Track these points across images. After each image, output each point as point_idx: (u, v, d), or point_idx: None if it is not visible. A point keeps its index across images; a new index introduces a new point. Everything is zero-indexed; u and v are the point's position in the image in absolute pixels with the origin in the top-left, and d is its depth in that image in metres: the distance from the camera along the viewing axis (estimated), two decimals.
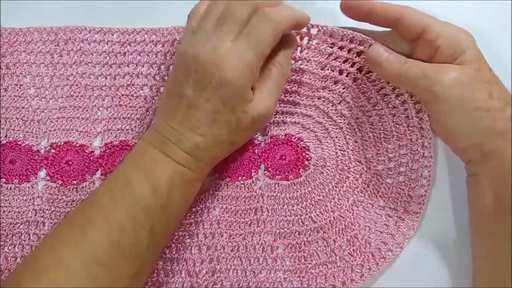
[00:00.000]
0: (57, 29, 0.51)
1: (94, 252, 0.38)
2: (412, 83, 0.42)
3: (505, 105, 0.40)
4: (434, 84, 0.41)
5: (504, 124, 0.40)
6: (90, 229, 0.39)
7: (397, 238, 0.47)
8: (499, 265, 0.41)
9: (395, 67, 0.43)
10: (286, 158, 0.50)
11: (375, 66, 0.45)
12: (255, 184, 0.49)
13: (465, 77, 0.40)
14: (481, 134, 0.40)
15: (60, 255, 0.38)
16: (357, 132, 0.48)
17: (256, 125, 0.43)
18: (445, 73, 0.41)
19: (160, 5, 0.53)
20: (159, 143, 0.42)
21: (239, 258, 0.48)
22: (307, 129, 0.50)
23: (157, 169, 0.41)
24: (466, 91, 0.40)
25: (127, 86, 0.51)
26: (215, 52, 0.40)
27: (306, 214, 0.49)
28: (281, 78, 0.44)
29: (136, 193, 0.40)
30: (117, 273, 0.39)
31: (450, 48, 0.41)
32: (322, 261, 0.48)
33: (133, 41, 0.51)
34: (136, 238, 0.39)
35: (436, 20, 0.42)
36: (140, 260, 0.40)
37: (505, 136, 0.40)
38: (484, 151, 0.41)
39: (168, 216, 0.41)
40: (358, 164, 0.49)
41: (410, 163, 0.47)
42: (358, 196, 0.48)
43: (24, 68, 0.52)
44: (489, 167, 0.41)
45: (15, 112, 0.51)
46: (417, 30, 0.42)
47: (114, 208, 0.40)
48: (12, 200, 0.49)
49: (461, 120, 0.41)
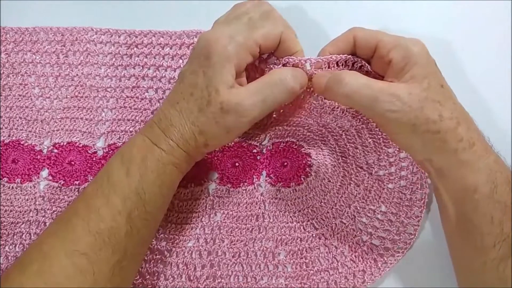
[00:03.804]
0: (64, 29, 0.52)
1: (76, 242, 0.38)
2: (362, 105, 0.41)
3: (457, 125, 0.39)
4: (385, 109, 0.39)
5: (454, 146, 0.39)
6: (74, 220, 0.39)
7: (399, 243, 0.47)
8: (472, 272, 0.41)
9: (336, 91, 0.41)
10: (287, 164, 0.50)
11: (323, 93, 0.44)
12: (257, 191, 0.49)
13: (415, 99, 0.39)
14: (431, 153, 0.40)
15: (46, 248, 0.38)
16: (357, 138, 0.49)
17: (227, 118, 0.41)
18: (396, 97, 0.39)
19: (168, 7, 0.53)
20: (145, 126, 0.43)
21: (240, 264, 0.48)
22: (308, 136, 0.50)
23: (132, 152, 0.41)
24: (418, 114, 0.39)
25: (132, 88, 0.51)
26: (214, 31, 0.42)
27: (307, 220, 0.49)
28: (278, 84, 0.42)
29: (112, 178, 0.40)
30: (98, 263, 0.38)
31: (402, 61, 0.40)
32: (324, 267, 0.48)
33: (140, 43, 0.52)
34: (114, 225, 0.39)
35: (387, 35, 0.42)
36: (121, 248, 0.40)
37: (456, 157, 0.40)
38: (436, 167, 0.41)
39: (144, 202, 0.41)
40: (360, 170, 0.49)
41: (411, 166, 0.48)
42: (359, 202, 0.49)
43: (29, 67, 0.52)
44: (445, 183, 0.41)
45: (19, 111, 0.51)
46: (371, 46, 0.42)
47: (94, 196, 0.40)
48: (13, 200, 0.49)
49: (412, 141, 0.41)
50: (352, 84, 0.40)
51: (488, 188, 0.39)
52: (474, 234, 0.40)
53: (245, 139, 0.50)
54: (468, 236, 0.40)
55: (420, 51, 0.41)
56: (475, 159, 0.39)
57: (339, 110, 0.47)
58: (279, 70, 0.43)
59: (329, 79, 0.41)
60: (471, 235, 0.40)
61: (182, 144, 0.41)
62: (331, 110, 0.47)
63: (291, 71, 0.42)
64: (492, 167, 0.39)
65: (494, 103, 0.51)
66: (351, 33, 0.43)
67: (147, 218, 0.41)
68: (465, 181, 0.39)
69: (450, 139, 0.39)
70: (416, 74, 0.40)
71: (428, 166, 0.41)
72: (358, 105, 0.41)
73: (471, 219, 0.39)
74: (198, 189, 0.49)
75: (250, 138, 0.50)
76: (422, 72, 0.40)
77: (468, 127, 0.40)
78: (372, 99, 0.40)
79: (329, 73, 0.42)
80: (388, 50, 0.41)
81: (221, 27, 0.42)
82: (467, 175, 0.39)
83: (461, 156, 0.39)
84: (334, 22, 0.47)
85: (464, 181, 0.39)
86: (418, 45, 0.41)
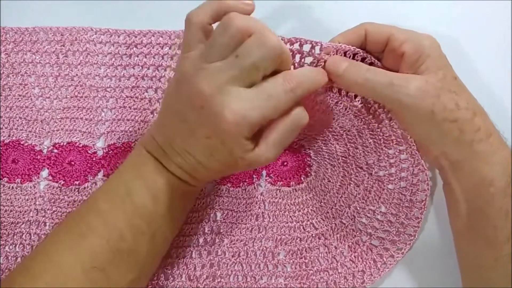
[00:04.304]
0: (63, 29, 0.52)
1: (93, 258, 0.38)
2: (378, 91, 0.41)
3: (473, 116, 0.40)
4: (402, 95, 0.40)
5: (471, 136, 0.39)
6: (89, 235, 0.39)
7: (399, 244, 0.47)
8: (480, 270, 0.41)
9: (355, 75, 0.41)
10: (287, 164, 0.50)
11: (336, 78, 0.42)
12: (257, 190, 0.49)
13: (431, 87, 0.39)
14: (448, 144, 0.40)
15: (58, 259, 0.38)
16: (358, 139, 0.48)
17: (253, 167, 0.44)
18: (412, 83, 0.40)
19: (167, 7, 0.53)
20: (158, 155, 0.41)
21: (239, 263, 0.48)
22: (308, 135, 0.50)
23: (158, 180, 0.41)
24: (435, 101, 0.39)
25: (132, 88, 0.51)
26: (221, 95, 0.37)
27: (307, 220, 0.49)
28: (294, 130, 0.40)
29: (137, 201, 0.40)
30: (115, 279, 0.38)
31: (415, 54, 0.41)
32: (323, 267, 0.48)
33: (139, 43, 0.52)
34: (136, 244, 0.39)
35: (399, 29, 0.42)
36: (139, 266, 0.40)
37: (473, 148, 0.39)
38: (451, 160, 0.40)
39: (169, 222, 0.41)
40: (360, 171, 0.49)
41: (411, 167, 0.47)
42: (359, 203, 0.48)
43: (29, 67, 0.52)
44: (459, 176, 0.41)
45: (19, 111, 0.51)
46: (382, 40, 0.42)
47: (114, 215, 0.40)
48: (14, 200, 0.49)
49: (429, 131, 0.40)
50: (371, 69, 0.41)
51: (504, 182, 0.39)
52: (487, 229, 0.39)
53: None
54: (480, 231, 0.40)
55: (432, 44, 0.41)
56: (492, 151, 0.39)
57: (341, 106, 0.46)
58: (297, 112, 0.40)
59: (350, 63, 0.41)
60: (483, 230, 0.40)
61: (208, 181, 0.45)
62: (334, 105, 0.46)
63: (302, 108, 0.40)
64: (508, 161, 0.39)
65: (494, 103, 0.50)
66: (362, 27, 0.43)
67: (168, 237, 0.43)
68: (480, 173, 0.39)
69: (467, 129, 0.39)
70: (430, 66, 0.40)
71: (442, 160, 0.41)
72: (374, 91, 0.41)
73: (485, 213, 0.39)
74: None
75: None
76: (436, 64, 0.40)
77: (484, 119, 0.40)
78: (388, 84, 0.40)
79: (347, 59, 0.42)
80: (400, 43, 0.41)
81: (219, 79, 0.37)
82: (483, 167, 0.39)
83: (478, 147, 0.39)
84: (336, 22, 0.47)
85: (479, 174, 0.39)
86: (429, 39, 0.42)
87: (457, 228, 0.43)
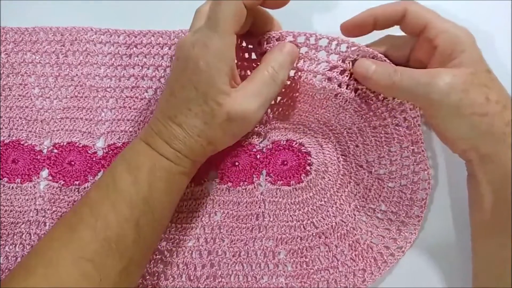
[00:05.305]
0: (63, 29, 0.52)
1: (82, 248, 0.38)
2: (407, 92, 0.41)
3: (503, 109, 0.40)
4: (429, 91, 0.40)
5: (502, 129, 0.40)
6: (79, 227, 0.39)
7: (399, 242, 0.47)
8: (499, 265, 0.41)
9: (385, 78, 0.42)
10: (287, 163, 0.50)
11: (364, 80, 0.44)
12: (257, 190, 0.49)
13: (460, 81, 0.39)
14: (478, 138, 0.40)
15: (50, 253, 0.38)
16: (358, 137, 0.48)
17: (234, 126, 0.42)
18: (439, 79, 0.40)
19: (167, 7, 0.53)
20: (145, 135, 0.42)
21: (240, 263, 0.48)
22: (308, 134, 0.50)
23: (139, 160, 0.41)
24: (462, 96, 0.39)
25: (132, 88, 0.51)
26: (196, 42, 0.40)
27: (307, 219, 0.49)
28: (272, 83, 0.42)
29: (119, 186, 0.40)
30: (104, 269, 0.38)
31: (448, 48, 0.41)
32: (324, 266, 0.48)
33: (139, 43, 0.52)
34: (121, 232, 0.39)
35: (439, 18, 0.42)
36: (127, 255, 0.40)
37: (504, 140, 0.40)
38: (481, 153, 0.40)
39: (152, 209, 0.41)
40: (360, 169, 0.49)
41: (412, 165, 0.47)
42: (359, 201, 0.48)
43: (29, 67, 0.52)
44: (488, 169, 0.41)
45: (19, 111, 0.51)
46: (419, 26, 0.42)
47: (100, 203, 0.40)
48: (13, 200, 0.49)
49: (458, 125, 0.40)
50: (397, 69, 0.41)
51: None
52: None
53: (244, 138, 0.50)
54: (504, 223, 0.40)
55: (468, 39, 0.41)
56: None
57: (341, 99, 0.46)
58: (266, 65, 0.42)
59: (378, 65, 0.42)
60: (506, 222, 0.40)
61: (190, 154, 0.42)
62: (334, 97, 0.46)
63: (278, 61, 0.42)
64: None
65: None
66: (404, 4, 0.42)
67: (154, 225, 0.42)
68: (510, 165, 0.39)
69: (498, 123, 0.39)
70: (462, 61, 0.40)
71: (471, 154, 0.41)
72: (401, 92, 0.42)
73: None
74: (198, 189, 0.49)
75: (250, 137, 0.50)
76: (469, 60, 0.40)
77: None
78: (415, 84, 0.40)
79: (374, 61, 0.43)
80: (436, 33, 0.41)
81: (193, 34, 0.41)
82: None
83: (508, 140, 0.39)
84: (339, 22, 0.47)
85: (509, 166, 0.39)
86: (466, 33, 0.41)
87: (479, 223, 0.43)
